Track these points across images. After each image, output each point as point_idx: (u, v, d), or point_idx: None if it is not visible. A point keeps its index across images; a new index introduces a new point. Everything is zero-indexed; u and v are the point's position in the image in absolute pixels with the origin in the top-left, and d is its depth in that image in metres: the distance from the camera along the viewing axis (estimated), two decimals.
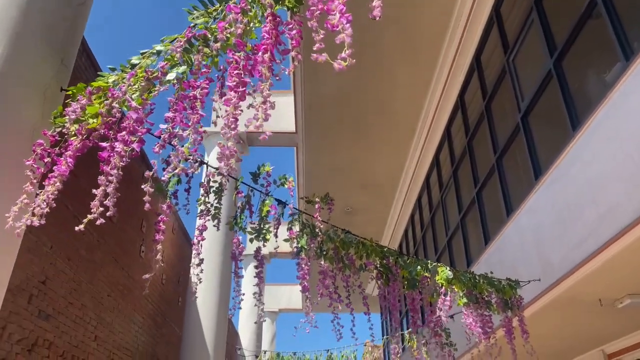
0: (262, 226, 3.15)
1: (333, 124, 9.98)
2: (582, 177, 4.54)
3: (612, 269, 4.50)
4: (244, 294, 3.07)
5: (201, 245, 2.85)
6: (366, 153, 10.71)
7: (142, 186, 2.25)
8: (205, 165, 3.04)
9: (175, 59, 2.19)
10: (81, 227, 2.30)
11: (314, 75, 8.70)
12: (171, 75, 2.20)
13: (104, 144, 2.31)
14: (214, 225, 2.95)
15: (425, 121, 9.69)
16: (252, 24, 2.08)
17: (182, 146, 2.08)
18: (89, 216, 2.25)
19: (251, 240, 3.16)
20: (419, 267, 4.09)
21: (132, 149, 2.32)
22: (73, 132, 2.49)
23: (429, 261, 4.14)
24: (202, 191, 2.94)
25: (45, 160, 2.55)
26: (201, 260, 2.85)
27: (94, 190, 2.29)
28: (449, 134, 9.14)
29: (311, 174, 11.44)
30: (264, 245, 3.25)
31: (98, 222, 2.23)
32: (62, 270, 5.11)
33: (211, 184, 3.02)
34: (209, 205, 2.89)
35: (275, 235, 3.37)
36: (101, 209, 2.24)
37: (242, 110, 2.05)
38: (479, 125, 7.62)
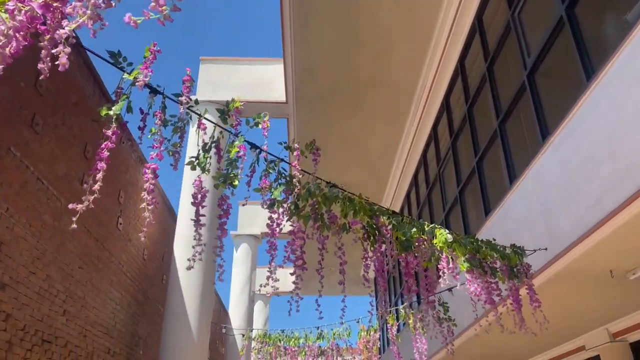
0: (229, 171, 2.67)
1: (326, 95, 9.47)
2: (597, 130, 4.07)
3: (629, 233, 4.04)
4: (204, 245, 2.59)
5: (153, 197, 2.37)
6: (360, 127, 10.22)
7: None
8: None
9: None
10: None
11: (304, 42, 8.17)
12: None
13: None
14: (171, 165, 2.47)
15: (423, 91, 9.19)
16: None
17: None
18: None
19: (216, 187, 2.67)
20: (414, 229, 3.63)
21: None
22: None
23: (425, 222, 3.68)
24: (157, 120, 2.45)
25: None
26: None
27: None
28: (447, 104, 8.65)
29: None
30: (232, 194, 2.77)
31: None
32: (21, 236, 4.62)
33: (168, 117, 2.53)
34: (164, 139, 2.40)
35: (248, 185, 2.89)
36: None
37: None
38: (480, 90, 7.13)
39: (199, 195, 2.48)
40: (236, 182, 2.65)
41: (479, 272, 3.98)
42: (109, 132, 2.19)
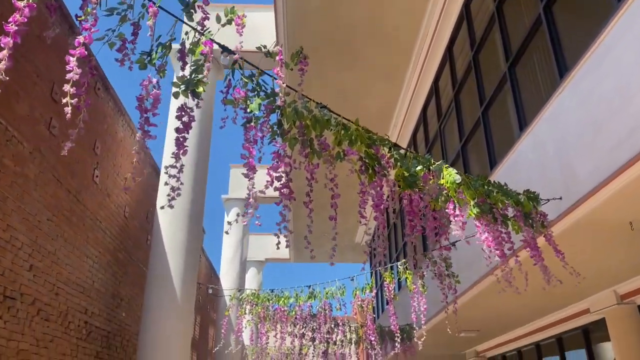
0: (192, 76, 2.13)
1: (319, 46, 8.83)
2: (628, 58, 3.54)
3: None
4: (181, 183, 2.08)
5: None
6: (357, 83, 9.61)
7: None
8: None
9: None
10: None
11: None
12: None
13: None
14: (116, 60, 1.94)
15: (424, 42, 8.58)
16: None
17: None
18: None
19: (176, 96, 2.14)
20: (419, 167, 3.13)
21: None
22: None
23: (431, 158, 3.17)
24: None
25: None
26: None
27: None
28: (450, 54, 8.07)
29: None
30: (198, 106, 2.24)
31: None
32: None
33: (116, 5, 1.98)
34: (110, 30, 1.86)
35: (223, 102, 2.36)
36: None
37: None
38: (487, 34, 6.56)
39: (147, 100, 1.94)
40: (200, 89, 2.12)
41: (489, 220, 3.50)
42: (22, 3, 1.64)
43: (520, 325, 9.60)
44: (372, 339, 4.86)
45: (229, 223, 6.05)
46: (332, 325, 7.82)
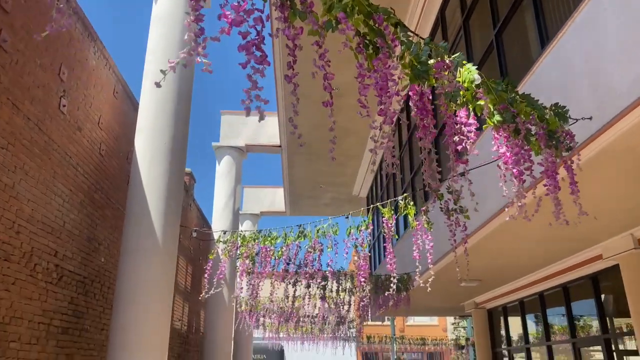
0: None
1: None
2: None
3: None
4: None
5: None
6: None
7: None
8: None
9: None
10: None
11: None
12: None
13: None
14: None
15: None
16: None
17: None
18: None
19: None
20: (432, 61, 2.48)
21: None
22: None
23: (444, 43, 2.51)
24: None
25: None
26: None
27: None
28: None
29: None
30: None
31: None
32: None
33: None
34: None
35: None
36: None
37: None
38: None
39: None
40: None
41: (510, 132, 2.87)
42: None
43: (524, 275, 9.17)
44: (363, 280, 4.32)
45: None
46: (325, 272, 7.34)
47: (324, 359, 27.83)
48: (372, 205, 4.88)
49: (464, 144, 2.64)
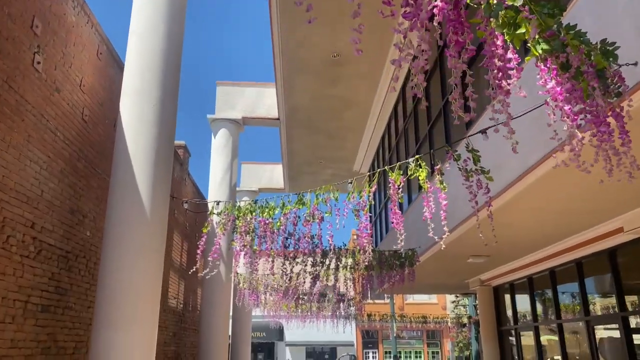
0: None
1: None
2: None
3: None
4: None
5: None
6: None
7: None
8: None
9: None
10: None
11: None
12: None
13: None
14: None
15: None
16: None
17: None
18: None
19: None
20: None
21: None
22: None
23: None
24: None
25: None
26: None
27: None
28: None
29: None
30: None
31: None
32: None
33: None
34: None
35: None
36: None
37: None
38: None
39: None
40: None
41: (555, 60, 2.35)
42: None
43: (534, 250, 8.73)
44: (366, 243, 3.85)
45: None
46: (325, 248, 6.89)
47: (324, 337, 27.71)
48: (377, 170, 4.37)
49: (505, 82, 2.15)
